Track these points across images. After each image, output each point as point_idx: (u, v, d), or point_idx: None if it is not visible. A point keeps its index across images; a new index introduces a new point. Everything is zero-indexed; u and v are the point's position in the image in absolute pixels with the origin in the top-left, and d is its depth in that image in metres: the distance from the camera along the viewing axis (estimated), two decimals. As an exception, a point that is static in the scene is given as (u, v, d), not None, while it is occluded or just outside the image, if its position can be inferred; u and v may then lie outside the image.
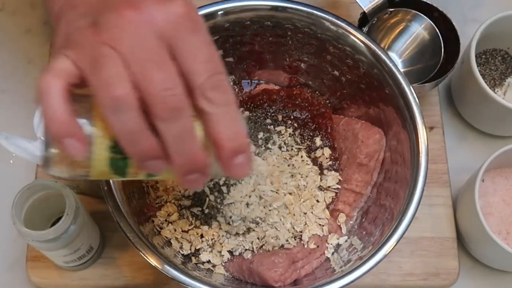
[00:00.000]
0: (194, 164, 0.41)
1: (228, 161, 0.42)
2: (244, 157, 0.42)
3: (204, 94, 0.40)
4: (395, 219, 0.57)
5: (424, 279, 0.67)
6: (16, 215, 0.54)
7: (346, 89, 0.68)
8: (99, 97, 0.39)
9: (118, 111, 0.39)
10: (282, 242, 0.62)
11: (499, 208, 0.67)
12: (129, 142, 0.40)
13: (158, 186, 0.64)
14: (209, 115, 0.41)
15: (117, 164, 0.43)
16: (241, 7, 0.63)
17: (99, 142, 0.41)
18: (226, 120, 0.41)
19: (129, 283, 0.65)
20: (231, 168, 0.42)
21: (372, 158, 0.64)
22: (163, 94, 0.39)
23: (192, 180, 0.42)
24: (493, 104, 0.68)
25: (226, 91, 0.41)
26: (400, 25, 0.73)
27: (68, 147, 0.40)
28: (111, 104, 0.38)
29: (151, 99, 0.39)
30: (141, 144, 0.40)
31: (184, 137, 0.40)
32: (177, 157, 0.41)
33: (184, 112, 0.40)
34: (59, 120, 0.39)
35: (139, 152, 0.40)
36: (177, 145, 0.40)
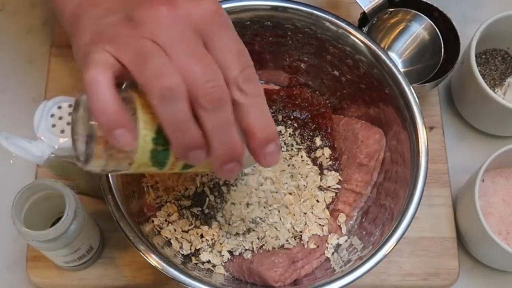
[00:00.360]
0: (232, 153, 0.43)
1: (261, 149, 0.44)
2: (274, 145, 0.44)
3: (238, 86, 0.42)
4: (395, 219, 0.57)
5: (424, 279, 0.67)
6: (16, 215, 0.54)
7: (346, 89, 0.68)
8: (149, 87, 0.40)
9: (169, 101, 0.40)
10: (282, 242, 0.62)
11: (499, 208, 0.67)
12: (176, 131, 0.41)
13: (158, 186, 0.64)
14: (243, 106, 0.43)
15: (159, 156, 0.43)
16: (241, 7, 0.63)
17: (143, 134, 0.42)
18: (258, 110, 0.43)
19: (129, 283, 0.65)
20: (263, 156, 0.44)
21: (372, 158, 0.64)
22: (207, 86, 0.40)
23: (229, 169, 0.44)
24: (493, 104, 0.68)
25: (257, 84, 0.44)
26: (400, 25, 0.73)
27: (118, 138, 0.40)
28: (163, 94, 0.40)
29: (195, 90, 0.40)
30: (188, 133, 0.41)
31: (226, 127, 0.42)
32: (218, 146, 0.42)
33: (227, 103, 0.41)
34: (110, 111, 0.40)
35: (184, 142, 0.42)
36: (218, 135, 0.42)
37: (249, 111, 0.43)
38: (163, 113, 0.41)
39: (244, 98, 0.43)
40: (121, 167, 0.44)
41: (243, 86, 0.42)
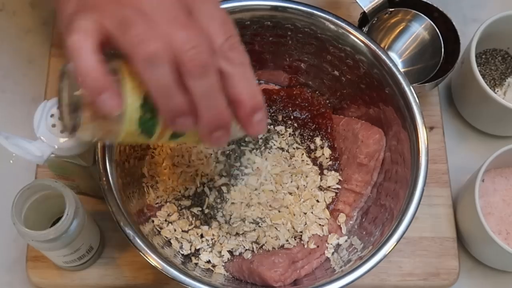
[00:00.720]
0: (220, 120, 0.43)
1: (248, 118, 0.44)
2: (262, 114, 0.44)
3: (224, 55, 0.42)
4: (395, 219, 0.57)
5: (424, 279, 0.67)
6: (16, 215, 0.54)
7: (346, 89, 0.68)
8: (133, 53, 0.40)
9: (153, 66, 0.40)
10: (282, 242, 0.62)
11: (499, 208, 0.67)
12: (163, 96, 0.41)
13: (158, 186, 0.64)
14: (229, 75, 0.42)
15: (147, 123, 0.43)
16: (241, 7, 0.63)
17: (130, 101, 0.42)
18: (245, 79, 0.43)
19: (129, 283, 0.65)
20: (251, 125, 0.44)
21: (372, 158, 0.64)
22: (193, 52, 0.40)
23: (217, 137, 0.44)
24: (493, 104, 0.68)
25: (242, 52, 0.44)
26: (400, 25, 0.73)
27: (103, 102, 0.40)
28: (146, 59, 0.40)
29: (181, 56, 0.40)
30: (175, 98, 0.41)
31: (213, 93, 0.42)
32: (205, 112, 0.42)
33: (212, 68, 0.41)
34: (95, 74, 0.40)
35: (171, 107, 0.42)
36: (206, 101, 0.42)
37: (236, 80, 0.43)
38: (148, 79, 0.40)
39: (230, 67, 0.42)
40: (109, 135, 0.44)
41: (229, 54, 0.42)
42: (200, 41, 0.41)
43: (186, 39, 0.40)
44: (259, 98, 0.44)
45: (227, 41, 0.42)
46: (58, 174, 0.63)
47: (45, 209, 0.59)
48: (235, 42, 0.43)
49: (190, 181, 0.64)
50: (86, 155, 0.58)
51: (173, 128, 0.44)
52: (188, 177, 0.64)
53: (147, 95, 0.42)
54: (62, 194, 0.55)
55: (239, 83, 0.43)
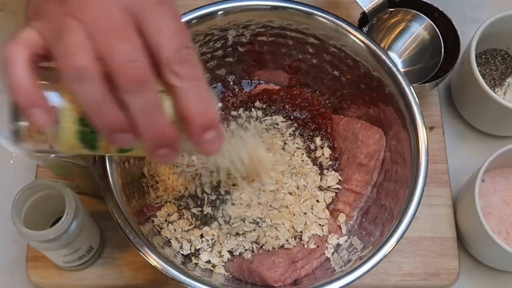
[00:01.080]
0: (162, 138, 0.41)
1: (198, 136, 0.42)
2: (214, 133, 0.42)
3: (171, 68, 0.40)
4: (395, 219, 0.57)
5: (424, 279, 0.67)
6: (16, 215, 0.54)
7: (346, 89, 0.68)
8: (61, 66, 0.39)
9: (81, 81, 0.38)
10: (282, 242, 0.62)
11: (499, 208, 0.67)
12: (95, 113, 0.39)
13: (158, 186, 0.64)
14: (177, 90, 0.40)
15: (86, 138, 0.42)
16: (241, 7, 0.63)
17: (67, 114, 0.41)
18: (195, 95, 0.41)
19: (129, 283, 0.65)
20: (202, 144, 0.42)
21: (372, 158, 0.64)
22: (127, 66, 0.38)
23: (162, 155, 0.42)
24: (493, 104, 0.68)
25: (194, 66, 0.41)
26: (400, 25, 0.73)
27: (33, 117, 0.39)
28: (73, 73, 0.38)
29: (114, 70, 0.38)
30: (107, 115, 0.39)
31: (150, 110, 0.40)
32: (144, 130, 0.40)
33: (149, 85, 0.39)
34: (24, 89, 0.39)
35: (105, 124, 0.40)
36: (143, 118, 0.40)
37: (184, 95, 0.41)
38: (78, 93, 0.39)
39: (178, 81, 0.40)
40: (51, 147, 0.43)
41: (177, 68, 0.40)
42: (138, 54, 0.39)
43: (122, 52, 0.38)
44: (211, 115, 0.42)
45: (176, 54, 0.40)
46: (58, 174, 0.63)
47: (45, 209, 0.59)
48: (186, 55, 0.41)
49: (190, 181, 0.64)
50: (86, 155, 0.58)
51: (112, 144, 0.42)
52: (188, 177, 0.64)
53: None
54: (62, 194, 0.55)
55: (187, 99, 0.41)
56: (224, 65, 0.69)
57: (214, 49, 0.67)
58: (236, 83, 0.71)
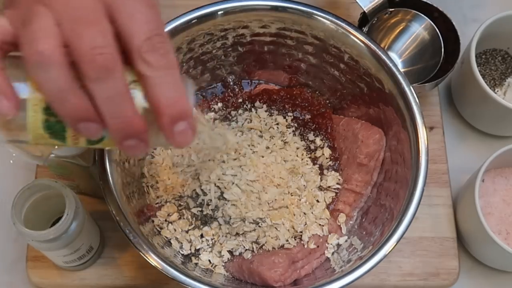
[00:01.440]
0: (129, 128, 0.40)
1: (168, 128, 0.40)
2: (185, 124, 0.41)
3: (141, 57, 0.39)
4: (395, 219, 0.57)
5: (424, 279, 0.67)
6: (16, 215, 0.54)
7: (346, 89, 0.68)
8: (25, 52, 0.38)
9: (43, 67, 0.37)
10: (282, 242, 0.62)
11: (499, 208, 0.67)
12: (58, 101, 0.39)
13: (158, 186, 0.64)
14: (148, 79, 0.39)
15: (53, 127, 0.41)
16: (241, 7, 0.63)
17: (33, 103, 0.40)
18: (165, 84, 0.40)
19: (129, 283, 0.65)
20: (171, 136, 0.41)
21: (372, 158, 0.64)
22: (92, 52, 0.37)
23: (130, 146, 0.41)
24: (493, 104, 0.68)
25: (166, 54, 0.40)
26: (400, 25, 0.73)
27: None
28: (35, 59, 0.37)
29: (79, 57, 0.37)
30: (70, 103, 0.38)
31: (116, 99, 0.38)
32: (110, 120, 0.39)
33: (114, 73, 0.38)
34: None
35: (69, 112, 0.39)
36: (109, 107, 0.39)
37: (154, 84, 0.39)
38: (40, 80, 0.38)
39: (148, 70, 0.39)
40: (20, 137, 0.42)
41: (148, 56, 0.39)
42: (105, 41, 0.38)
43: (88, 39, 0.37)
44: (182, 106, 0.40)
45: (147, 42, 0.39)
46: (58, 174, 0.63)
47: (45, 209, 0.59)
48: (158, 42, 0.39)
49: (190, 181, 0.64)
50: (86, 155, 0.58)
51: (79, 134, 0.41)
52: (188, 177, 0.64)
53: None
54: (62, 194, 0.55)
55: (156, 88, 0.39)
56: (224, 65, 0.69)
57: (214, 49, 0.67)
58: (236, 83, 0.71)
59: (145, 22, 0.39)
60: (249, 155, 0.64)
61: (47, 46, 0.37)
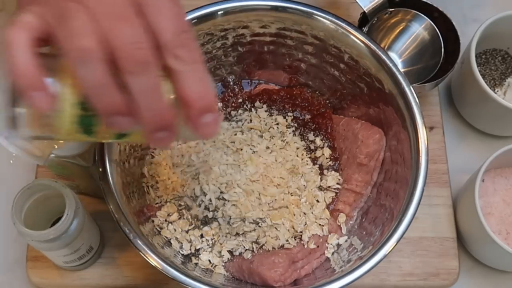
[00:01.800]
0: (161, 120, 0.41)
1: (197, 119, 0.42)
2: (212, 116, 0.42)
3: (172, 52, 0.40)
4: (395, 219, 0.57)
5: (424, 279, 0.67)
6: (16, 215, 0.54)
7: (346, 89, 0.68)
8: (66, 48, 0.39)
9: (85, 62, 0.39)
10: (282, 242, 0.62)
11: (499, 208, 0.67)
12: (96, 95, 0.40)
13: (158, 186, 0.64)
14: (178, 73, 0.41)
15: (85, 122, 0.42)
16: (241, 7, 0.63)
17: (67, 98, 0.41)
18: (195, 78, 0.41)
19: (129, 283, 0.65)
20: (200, 127, 0.43)
21: (372, 158, 0.64)
22: (130, 47, 0.39)
23: (160, 138, 0.42)
24: (493, 104, 0.68)
25: (193, 49, 0.41)
26: (400, 25, 0.73)
27: (35, 100, 0.39)
28: (78, 55, 0.38)
29: (118, 52, 0.39)
30: (109, 97, 0.40)
31: (152, 92, 0.40)
32: (145, 112, 0.40)
33: (151, 67, 0.39)
34: (25, 72, 0.39)
35: (106, 106, 0.40)
36: (145, 100, 0.40)
37: (184, 79, 0.41)
38: (80, 76, 0.39)
39: (178, 65, 0.40)
40: (48, 133, 0.43)
41: (178, 51, 0.40)
42: (141, 37, 0.39)
43: (126, 35, 0.39)
44: (210, 99, 0.42)
45: (176, 37, 0.40)
46: (58, 174, 0.63)
47: (45, 209, 0.59)
48: (186, 39, 0.41)
49: (190, 181, 0.64)
50: (86, 155, 0.58)
51: (111, 128, 0.42)
52: (188, 177, 0.64)
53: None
54: (62, 194, 0.55)
55: (187, 82, 0.41)
56: (224, 65, 0.69)
57: (214, 49, 0.67)
58: (236, 83, 0.71)
59: (173, 18, 0.41)
60: (249, 155, 0.64)
61: (89, 41, 0.38)
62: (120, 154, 0.59)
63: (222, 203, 0.62)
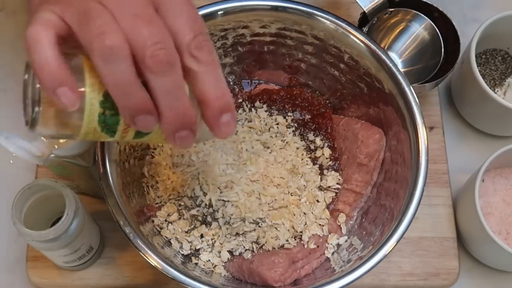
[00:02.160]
0: (184, 119, 0.42)
1: (215, 119, 0.43)
2: (230, 115, 0.43)
3: (190, 53, 0.41)
4: (395, 219, 0.57)
5: (424, 279, 0.67)
6: (16, 215, 0.54)
7: (346, 89, 0.68)
8: (92, 47, 0.39)
9: (111, 60, 0.39)
10: (282, 242, 0.62)
11: (499, 208, 0.67)
12: (121, 93, 0.40)
13: (158, 186, 0.64)
14: (196, 74, 0.41)
15: (107, 121, 0.42)
16: (241, 7, 0.63)
17: (91, 97, 0.41)
18: (212, 79, 0.42)
19: (129, 283, 0.65)
20: (218, 126, 0.43)
21: (372, 158, 0.64)
22: (155, 48, 0.39)
23: (182, 137, 0.43)
24: (493, 104, 0.68)
25: (211, 51, 0.42)
26: (400, 25, 0.73)
27: (60, 96, 0.39)
28: (104, 53, 0.39)
29: (142, 52, 0.39)
30: (134, 96, 0.40)
31: (175, 92, 0.41)
32: (168, 112, 0.41)
33: (175, 67, 0.40)
34: (51, 68, 0.39)
35: (131, 104, 0.40)
36: (168, 99, 0.41)
37: (202, 79, 0.42)
38: (106, 74, 0.39)
39: (197, 65, 0.41)
40: (69, 132, 0.43)
41: (196, 52, 0.41)
42: (164, 37, 0.40)
43: (149, 35, 0.39)
44: (227, 99, 0.43)
45: (194, 39, 0.41)
46: (58, 174, 0.63)
47: (45, 209, 0.59)
48: (203, 40, 0.42)
49: (190, 181, 0.64)
50: (86, 155, 0.58)
51: (133, 127, 0.43)
52: (188, 177, 0.64)
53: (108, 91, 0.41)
54: (62, 194, 0.55)
55: (205, 82, 0.42)
56: (224, 65, 0.69)
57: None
58: (236, 83, 0.71)
59: (191, 20, 0.41)
60: (249, 155, 0.64)
61: (116, 39, 0.39)
62: (120, 154, 0.59)
63: (222, 203, 0.62)
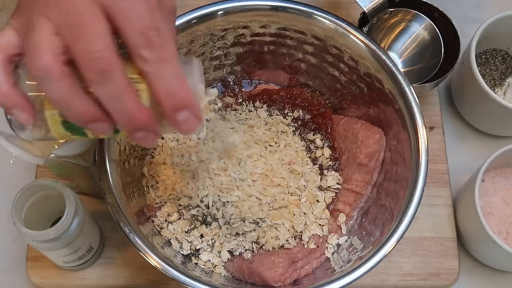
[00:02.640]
0: (135, 122, 0.41)
1: (170, 117, 0.42)
2: (187, 113, 0.42)
3: (137, 53, 0.40)
4: (395, 219, 0.57)
5: (424, 279, 0.67)
6: (16, 215, 0.54)
7: (346, 89, 0.68)
8: (28, 66, 0.40)
9: (44, 80, 0.39)
10: (282, 242, 0.62)
11: (499, 208, 0.67)
12: (64, 108, 0.41)
13: (158, 186, 0.64)
14: (146, 74, 0.41)
15: (71, 126, 0.44)
16: (241, 7, 0.63)
17: (50, 107, 0.43)
18: (163, 77, 0.41)
19: (129, 283, 0.65)
20: (176, 124, 0.43)
21: (372, 158, 0.64)
22: (89, 57, 0.39)
23: (141, 137, 0.43)
24: (493, 104, 0.68)
25: (161, 47, 0.40)
26: (400, 25, 0.73)
27: (16, 116, 0.42)
28: (38, 73, 0.39)
29: (80, 63, 0.39)
30: (76, 109, 0.41)
31: (119, 98, 0.40)
32: (117, 116, 0.41)
33: (113, 74, 0.39)
34: (2, 91, 0.41)
35: (76, 116, 0.41)
36: (114, 106, 0.41)
37: (151, 78, 0.41)
38: (45, 91, 0.40)
39: (145, 65, 0.40)
40: (47, 136, 0.45)
41: (142, 51, 0.40)
42: (101, 44, 0.39)
43: (85, 44, 0.39)
44: (182, 96, 0.42)
45: (141, 37, 0.39)
46: (58, 174, 0.63)
47: (45, 209, 0.59)
48: (153, 37, 0.40)
49: (190, 181, 0.64)
50: (86, 155, 0.58)
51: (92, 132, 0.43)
52: (188, 177, 0.64)
53: None
54: (62, 194, 0.55)
55: (155, 82, 0.41)
56: (224, 65, 0.69)
57: (214, 49, 0.67)
58: (236, 83, 0.71)
59: (138, 18, 0.40)
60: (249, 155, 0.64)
61: (46, 59, 0.39)
62: (120, 154, 0.59)
63: (222, 203, 0.62)
